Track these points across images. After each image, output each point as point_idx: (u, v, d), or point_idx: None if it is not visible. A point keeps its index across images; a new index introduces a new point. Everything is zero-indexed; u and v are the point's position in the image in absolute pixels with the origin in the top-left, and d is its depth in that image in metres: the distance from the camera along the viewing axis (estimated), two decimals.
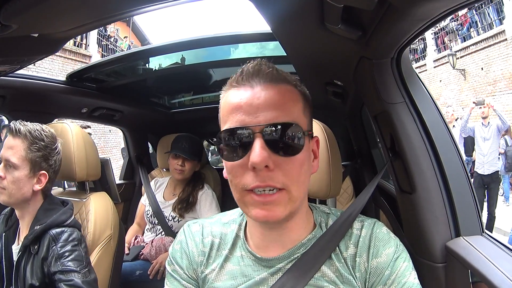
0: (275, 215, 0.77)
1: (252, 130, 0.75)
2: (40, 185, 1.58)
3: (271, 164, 0.74)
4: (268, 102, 0.76)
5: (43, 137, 1.58)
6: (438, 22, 0.81)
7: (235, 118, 0.77)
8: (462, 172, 1.09)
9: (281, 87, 0.80)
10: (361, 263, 0.85)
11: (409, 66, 1.12)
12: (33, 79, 2.04)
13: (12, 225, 1.68)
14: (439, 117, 1.12)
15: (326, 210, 0.98)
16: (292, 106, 0.79)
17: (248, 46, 2.10)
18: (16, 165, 1.50)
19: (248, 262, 0.91)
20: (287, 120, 0.76)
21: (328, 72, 1.64)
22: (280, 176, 0.75)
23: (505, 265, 0.86)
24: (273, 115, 0.75)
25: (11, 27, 1.06)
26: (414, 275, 0.84)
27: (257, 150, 0.73)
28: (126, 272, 2.31)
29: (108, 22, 1.28)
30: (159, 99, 3.35)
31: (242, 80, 0.80)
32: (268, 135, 0.74)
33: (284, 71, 0.86)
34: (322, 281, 0.85)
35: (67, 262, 1.46)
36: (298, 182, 0.78)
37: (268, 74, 0.80)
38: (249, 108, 0.76)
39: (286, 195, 0.77)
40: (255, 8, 1.04)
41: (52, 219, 1.55)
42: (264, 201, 0.76)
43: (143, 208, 2.85)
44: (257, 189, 0.76)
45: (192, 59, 2.33)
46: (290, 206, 0.79)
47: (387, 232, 0.89)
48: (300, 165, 0.78)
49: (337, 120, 3.06)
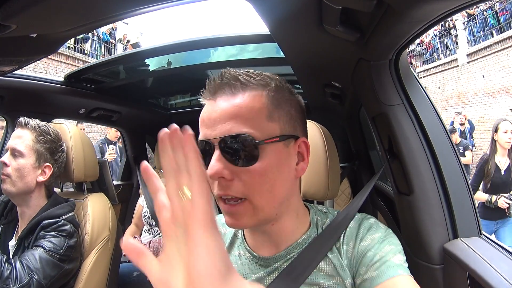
0: (241, 224, 0.80)
1: (211, 143, 0.77)
2: (44, 177, 1.60)
3: (226, 174, 0.75)
4: (224, 114, 0.78)
5: (50, 132, 1.64)
6: (436, 25, 0.81)
7: (201, 132, 0.81)
8: (460, 173, 1.09)
9: (242, 95, 0.80)
10: (348, 250, 0.86)
11: (407, 68, 1.13)
12: (31, 80, 2.04)
13: (12, 220, 1.68)
14: (437, 119, 1.13)
15: (323, 210, 0.98)
16: (248, 115, 0.78)
17: (247, 47, 2.10)
18: (22, 153, 1.54)
19: (246, 261, 0.91)
20: (239, 132, 0.76)
21: (326, 74, 1.64)
22: (240, 186, 0.76)
23: (502, 267, 0.86)
24: (227, 127, 0.77)
25: (9, 27, 1.06)
26: (400, 258, 0.80)
27: (212, 162, 0.75)
28: (123, 273, 2.31)
29: (106, 23, 1.28)
30: (157, 100, 3.35)
31: (207, 95, 0.83)
32: (224, 147, 0.76)
33: (260, 73, 0.86)
34: (319, 277, 0.85)
35: (42, 242, 1.46)
36: (261, 192, 0.78)
37: (226, 85, 0.81)
38: (209, 121, 0.79)
39: (249, 205, 0.78)
40: (253, 9, 1.04)
41: (48, 212, 1.56)
42: (229, 210, 0.78)
43: (140, 209, 2.84)
44: (223, 197, 0.78)
45: (187, 61, 2.33)
46: (256, 216, 0.79)
47: (375, 222, 0.88)
48: (259, 174, 0.77)
49: (335, 122, 3.07)
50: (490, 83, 13.08)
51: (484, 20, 13.64)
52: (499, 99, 12.51)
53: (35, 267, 1.37)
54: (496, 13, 12.96)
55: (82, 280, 1.65)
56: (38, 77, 2.12)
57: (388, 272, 0.77)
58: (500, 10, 12.74)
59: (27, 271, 1.35)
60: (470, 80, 14.43)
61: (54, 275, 1.43)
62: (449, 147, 1.10)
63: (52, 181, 1.67)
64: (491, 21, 13.24)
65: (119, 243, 1.95)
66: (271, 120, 0.80)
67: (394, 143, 1.14)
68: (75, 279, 1.65)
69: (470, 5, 0.72)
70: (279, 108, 0.83)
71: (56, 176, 1.68)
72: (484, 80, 13.48)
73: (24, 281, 1.33)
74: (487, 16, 13.43)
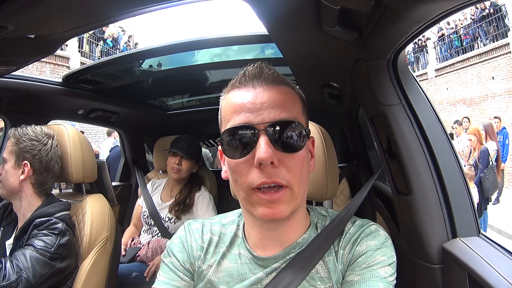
0: (280, 213, 0.79)
1: (256, 127, 0.77)
2: (24, 175, 1.63)
3: (276, 160, 0.76)
4: (271, 101, 0.79)
5: (27, 132, 1.67)
6: (434, 25, 0.82)
7: (239, 117, 0.79)
8: (459, 173, 1.09)
9: (281, 88, 0.83)
10: (344, 255, 0.87)
11: (406, 68, 1.13)
12: (30, 81, 2.03)
13: (11, 222, 1.73)
14: (436, 119, 1.13)
15: (323, 213, 0.99)
16: (293, 106, 0.82)
17: (247, 47, 2.10)
18: (6, 159, 1.65)
19: (245, 261, 0.92)
20: (290, 118, 0.79)
21: (324, 74, 1.64)
22: (285, 173, 0.77)
23: (501, 266, 0.87)
24: (276, 113, 0.78)
25: (7, 28, 1.06)
26: (387, 271, 0.81)
27: (263, 147, 0.74)
28: (122, 274, 2.30)
29: (105, 24, 1.28)
30: (155, 100, 3.34)
31: (244, 81, 0.83)
32: (272, 133, 0.77)
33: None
34: (316, 279, 0.86)
35: (34, 241, 1.48)
36: (300, 179, 0.80)
37: (269, 76, 0.83)
38: (253, 106, 0.79)
39: (289, 192, 0.79)
40: (251, 10, 1.04)
41: (40, 211, 1.59)
42: (271, 199, 0.77)
43: (140, 209, 2.84)
44: (263, 187, 0.77)
45: (186, 62, 2.33)
46: (292, 204, 0.80)
47: (376, 229, 0.89)
48: (301, 162, 0.80)
49: (334, 122, 3.07)
50: (452, 94, 15.55)
51: (450, 41, 16.33)
52: (458, 108, 14.93)
53: (25, 265, 1.39)
54: (460, 37, 15.53)
55: (81, 281, 1.64)
56: (37, 78, 2.11)
57: (370, 281, 0.79)
58: (464, 34, 15.30)
59: (16, 269, 1.38)
60: (437, 91, 16.65)
61: (45, 273, 1.45)
62: (448, 147, 1.10)
63: (39, 179, 1.67)
64: (455, 43, 15.90)
65: (118, 244, 1.96)
66: (303, 114, 0.86)
67: (392, 143, 1.14)
68: (73, 279, 1.65)
69: (467, 6, 0.72)
70: (305, 105, 0.89)
71: (41, 172, 1.68)
72: (448, 92, 15.89)
73: (12, 279, 1.35)
74: (453, 38, 16.10)
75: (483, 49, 13.54)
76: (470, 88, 14.28)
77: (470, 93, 14.20)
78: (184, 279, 0.95)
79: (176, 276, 0.94)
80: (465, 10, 11.72)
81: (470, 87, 14.26)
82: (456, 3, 0.70)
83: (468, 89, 14.40)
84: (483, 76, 13.47)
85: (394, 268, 0.84)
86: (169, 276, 0.94)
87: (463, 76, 14.81)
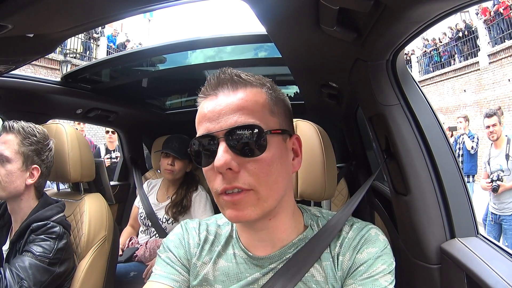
0: (245, 214, 0.79)
1: (216, 136, 0.79)
2: (33, 179, 1.59)
3: (234, 166, 0.76)
4: (229, 107, 0.80)
5: (35, 133, 1.61)
6: (433, 25, 0.81)
7: (203, 127, 0.82)
8: (457, 173, 1.09)
9: (244, 90, 0.83)
10: (344, 261, 0.86)
11: (404, 68, 1.13)
12: (28, 80, 2.03)
13: (4, 225, 1.68)
14: (434, 119, 1.13)
15: (317, 214, 0.99)
16: (254, 108, 0.81)
17: (247, 47, 2.10)
18: (9, 159, 1.54)
19: (240, 261, 0.92)
20: (247, 122, 0.79)
21: (323, 74, 1.64)
22: (246, 177, 0.78)
23: (499, 267, 0.87)
24: (233, 119, 0.78)
25: (6, 27, 1.05)
26: (388, 279, 0.82)
27: (219, 155, 0.76)
28: (120, 274, 2.30)
29: (104, 23, 1.28)
30: (154, 100, 3.34)
31: (207, 91, 0.85)
32: (231, 139, 0.78)
33: (255, 74, 0.89)
34: (311, 281, 0.86)
35: (32, 246, 1.45)
36: (267, 182, 0.80)
37: (228, 81, 0.83)
38: (212, 115, 0.80)
39: (254, 195, 0.79)
40: (250, 10, 1.04)
41: (37, 214, 1.56)
42: (232, 200, 0.78)
43: (136, 210, 2.83)
44: (228, 191, 0.79)
45: (184, 61, 2.33)
46: (261, 206, 0.80)
47: (376, 234, 0.89)
48: (267, 164, 0.79)
49: (332, 122, 3.07)
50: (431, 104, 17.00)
51: (431, 57, 18.64)
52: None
53: (25, 274, 1.37)
54: (440, 53, 17.76)
55: (79, 281, 1.64)
56: (35, 77, 2.11)
57: None
58: (443, 51, 17.52)
59: (16, 279, 1.35)
60: None
61: (45, 280, 1.43)
62: (446, 147, 1.10)
63: (41, 182, 1.66)
64: (435, 58, 18.22)
65: (116, 243, 1.96)
66: (272, 115, 0.84)
67: (391, 143, 1.14)
68: (71, 279, 1.64)
69: (466, 6, 0.72)
70: (277, 105, 0.87)
71: (45, 176, 1.67)
72: None
73: None
74: (433, 54, 18.36)
75: (458, 66, 15.91)
76: (446, 99, 16.76)
77: (446, 103, 16.59)
78: (182, 273, 0.95)
79: (174, 270, 0.95)
80: (445, 29, 13.85)
81: (446, 98, 16.73)
82: (455, 4, 0.70)
83: (444, 100, 16.85)
84: (457, 88, 16.01)
85: (394, 274, 0.85)
86: (167, 270, 0.95)
87: (441, 88, 17.29)
